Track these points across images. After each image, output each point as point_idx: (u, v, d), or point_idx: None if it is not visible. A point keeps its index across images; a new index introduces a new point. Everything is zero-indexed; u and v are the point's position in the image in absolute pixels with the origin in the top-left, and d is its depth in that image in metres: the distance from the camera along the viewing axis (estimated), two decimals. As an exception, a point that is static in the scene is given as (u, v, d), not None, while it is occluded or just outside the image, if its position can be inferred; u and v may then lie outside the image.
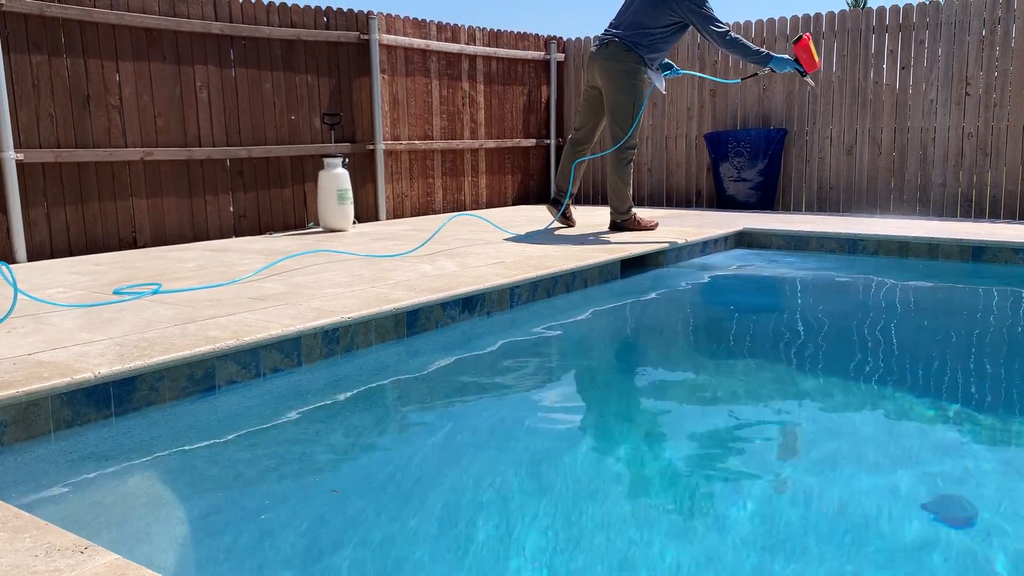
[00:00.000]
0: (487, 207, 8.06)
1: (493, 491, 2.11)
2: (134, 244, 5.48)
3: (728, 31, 5.29)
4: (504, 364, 3.27)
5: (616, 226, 5.73)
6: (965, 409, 2.69)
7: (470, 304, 3.67)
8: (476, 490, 2.11)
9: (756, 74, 5.91)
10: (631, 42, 5.39)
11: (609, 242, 5.17)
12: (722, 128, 7.83)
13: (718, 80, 6.65)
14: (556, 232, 5.75)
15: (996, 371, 3.11)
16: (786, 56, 5.33)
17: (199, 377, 2.67)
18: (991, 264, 5.04)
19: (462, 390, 2.94)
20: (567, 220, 5.99)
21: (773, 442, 2.45)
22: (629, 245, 5.02)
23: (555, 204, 5.93)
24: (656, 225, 5.80)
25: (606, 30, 5.58)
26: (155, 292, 3.58)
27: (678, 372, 3.29)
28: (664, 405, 2.87)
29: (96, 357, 2.55)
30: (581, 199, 8.78)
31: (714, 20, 5.29)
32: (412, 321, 3.39)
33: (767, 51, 5.37)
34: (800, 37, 5.23)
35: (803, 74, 5.29)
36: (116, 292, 3.62)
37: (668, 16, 5.35)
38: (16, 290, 3.24)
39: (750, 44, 5.31)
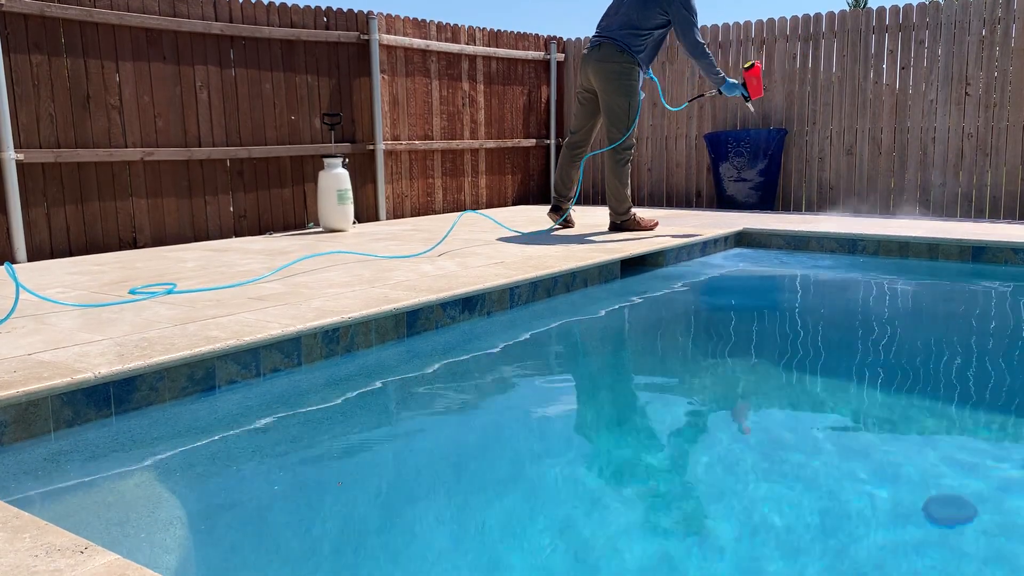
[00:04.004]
0: (487, 207, 8.06)
1: (493, 491, 2.11)
2: (134, 244, 5.48)
3: (705, 44, 5.44)
4: (504, 364, 3.28)
5: (616, 227, 5.73)
6: (965, 409, 2.69)
7: (470, 304, 3.67)
8: (476, 490, 2.11)
9: (702, 95, 6.30)
10: (624, 43, 5.40)
11: (609, 242, 5.17)
12: (722, 128, 7.83)
13: (665, 104, 6.64)
14: (556, 233, 5.75)
15: (996, 371, 3.11)
16: (736, 81, 5.54)
17: (199, 377, 2.67)
18: (991, 264, 5.04)
19: (462, 390, 2.94)
20: (567, 223, 5.98)
21: (772, 442, 2.45)
22: (629, 245, 5.02)
23: (556, 211, 5.92)
24: (656, 225, 5.80)
25: (597, 32, 5.59)
26: (170, 292, 3.59)
27: (677, 373, 3.28)
28: (664, 406, 2.87)
29: (96, 357, 2.55)
30: (580, 199, 8.77)
31: (696, 28, 5.40)
32: (412, 321, 3.39)
33: (723, 75, 5.53)
34: (752, 64, 5.47)
35: (747, 99, 5.58)
36: (132, 292, 3.63)
37: (659, 16, 5.39)
38: (19, 286, 3.24)
39: (715, 62, 5.54)
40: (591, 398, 3.02)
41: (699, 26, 5.42)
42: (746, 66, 5.51)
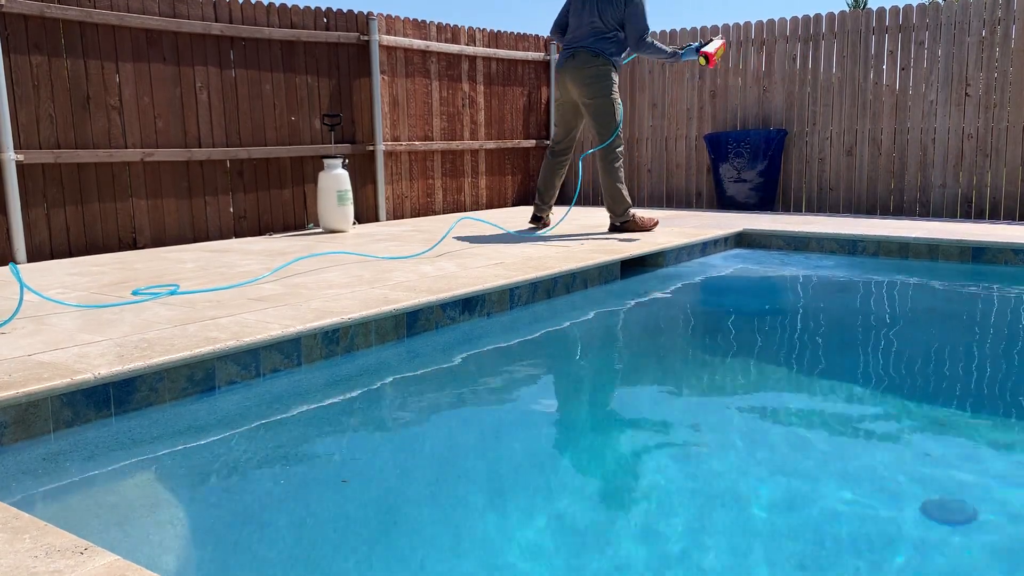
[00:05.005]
0: (487, 208, 8.06)
1: (492, 490, 2.11)
2: (134, 245, 5.48)
3: (645, 36, 5.57)
4: (504, 365, 3.28)
5: (615, 228, 5.74)
6: (964, 410, 2.69)
7: (470, 305, 3.67)
8: (475, 489, 2.11)
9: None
10: (598, 48, 5.57)
11: (609, 243, 5.17)
12: (722, 129, 7.83)
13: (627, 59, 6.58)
14: (556, 233, 5.75)
15: (996, 372, 3.11)
16: (691, 47, 5.68)
17: (199, 378, 2.67)
18: (991, 265, 5.04)
19: (462, 391, 2.94)
20: (543, 223, 6.07)
21: (772, 443, 2.45)
22: (628, 246, 5.02)
23: (536, 220, 6.06)
24: (656, 224, 5.81)
25: (567, 42, 5.72)
26: (173, 293, 3.59)
27: (677, 373, 3.28)
28: (664, 406, 2.87)
29: (96, 358, 2.55)
30: (581, 199, 8.77)
31: (644, 22, 5.57)
32: (412, 322, 3.39)
33: (674, 49, 5.70)
34: (720, 44, 5.68)
35: (704, 63, 5.70)
36: (135, 293, 3.63)
37: (619, 14, 5.57)
38: (23, 286, 3.24)
39: (663, 46, 5.66)
40: (591, 398, 3.02)
41: (646, 21, 5.62)
42: (711, 45, 5.68)
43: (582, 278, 4.37)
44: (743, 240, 5.89)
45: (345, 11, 6.63)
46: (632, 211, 5.76)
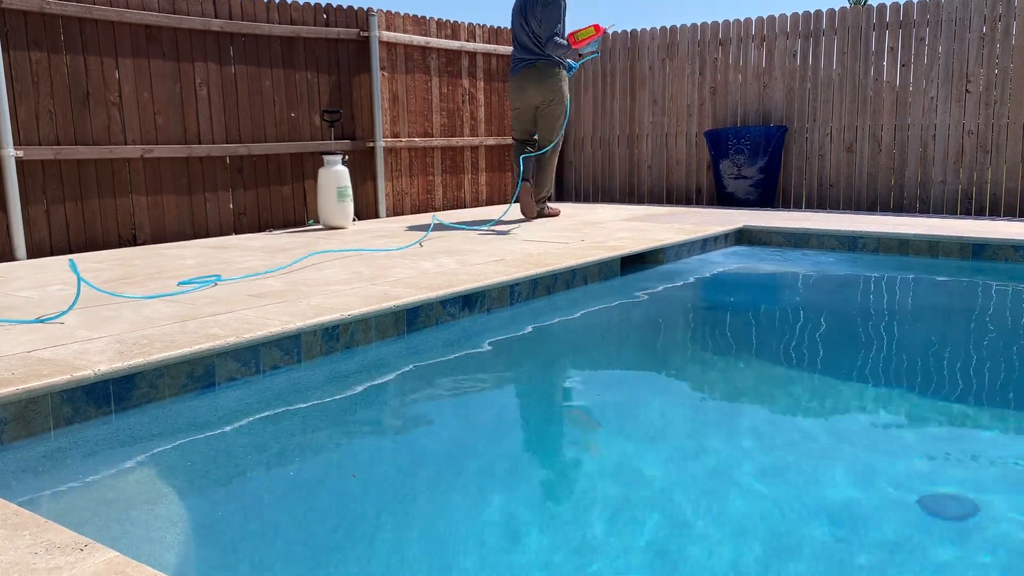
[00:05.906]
0: (487, 205, 8.06)
1: (491, 487, 2.11)
2: (134, 241, 5.48)
3: (555, 36, 6.01)
4: (504, 361, 3.28)
5: (538, 214, 6.41)
6: (963, 407, 2.69)
7: (470, 301, 3.67)
8: (474, 486, 2.11)
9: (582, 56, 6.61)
10: (551, 57, 6.10)
11: (608, 239, 5.16)
12: (722, 125, 7.83)
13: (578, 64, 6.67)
14: (553, 230, 5.75)
15: (996, 368, 3.11)
16: (577, 47, 6.12)
17: (199, 374, 2.67)
18: (991, 261, 5.04)
19: (461, 386, 2.94)
20: (536, 208, 6.43)
21: (771, 439, 2.45)
22: (629, 243, 5.02)
23: (539, 214, 6.43)
24: (559, 212, 6.73)
25: (519, 55, 6.20)
26: (216, 282, 3.75)
27: (676, 369, 3.28)
28: (663, 402, 2.87)
29: (96, 355, 2.55)
30: (581, 197, 8.78)
31: (554, 26, 5.98)
32: (412, 318, 3.39)
33: (566, 44, 6.06)
34: (588, 27, 6.06)
35: (580, 55, 6.23)
36: (180, 284, 3.72)
37: (539, 15, 6.01)
38: (80, 280, 3.24)
39: (564, 42, 6.05)
40: (590, 394, 3.02)
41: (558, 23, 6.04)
42: (584, 35, 6.06)
43: (582, 274, 4.37)
44: (743, 237, 5.89)
45: (345, 7, 6.62)
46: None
